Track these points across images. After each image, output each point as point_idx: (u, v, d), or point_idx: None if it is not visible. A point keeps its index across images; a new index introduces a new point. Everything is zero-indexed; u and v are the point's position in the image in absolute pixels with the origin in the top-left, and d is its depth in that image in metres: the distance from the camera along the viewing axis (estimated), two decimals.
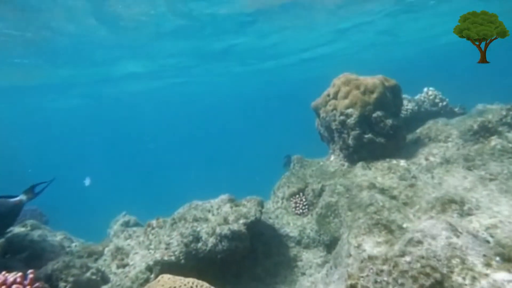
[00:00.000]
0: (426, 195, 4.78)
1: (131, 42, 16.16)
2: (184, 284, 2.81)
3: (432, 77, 13.73)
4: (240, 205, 6.05)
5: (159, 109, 47.32)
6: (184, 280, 2.91)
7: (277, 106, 56.44)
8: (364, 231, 4.54)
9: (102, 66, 20.16)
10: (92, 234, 9.59)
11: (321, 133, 7.62)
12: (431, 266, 3.44)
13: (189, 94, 38.36)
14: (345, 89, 6.52)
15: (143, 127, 57.79)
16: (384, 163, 6.03)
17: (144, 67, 22.40)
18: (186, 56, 21.09)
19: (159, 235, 5.68)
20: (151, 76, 25.66)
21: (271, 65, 26.48)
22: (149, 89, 30.16)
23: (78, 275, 4.83)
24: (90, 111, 38.96)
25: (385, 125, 6.18)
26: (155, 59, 20.37)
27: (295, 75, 32.62)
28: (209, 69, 25.34)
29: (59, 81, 22.23)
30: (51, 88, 24.27)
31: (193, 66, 24.23)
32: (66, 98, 29.05)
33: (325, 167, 7.06)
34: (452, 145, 5.81)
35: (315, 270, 5.61)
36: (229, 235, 5.39)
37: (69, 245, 6.10)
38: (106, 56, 18.31)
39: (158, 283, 2.91)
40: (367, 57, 26.97)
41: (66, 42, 15.09)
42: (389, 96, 6.29)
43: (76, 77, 22.14)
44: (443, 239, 3.71)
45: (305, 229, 6.28)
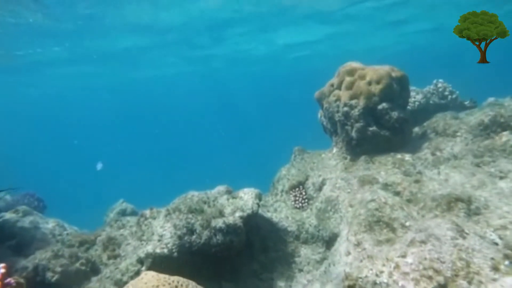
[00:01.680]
0: (431, 192, 4.57)
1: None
2: (169, 283, 2.65)
3: (442, 69, 13.41)
4: (237, 197, 5.88)
5: (166, 96, 47.03)
6: (169, 279, 2.74)
7: (283, 96, 55.90)
8: (364, 228, 4.36)
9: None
10: (91, 221, 9.52)
11: (324, 124, 7.40)
12: (434, 268, 3.26)
13: (192, 83, 38.07)
14: (350, 79, 6.27)
15: (149, 114, 57.66)
16: (388, 158, 5.81)
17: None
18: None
19: (152, 226, 5.54)
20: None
21: (275, 51, 25.91)
22: (156, 75, 29.78)
23: (66, 265, 4.70)
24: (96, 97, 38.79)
25: (391, 117, 5.95)
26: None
27: (302, 64, 32.02)
28: (211, 56, 24.94)
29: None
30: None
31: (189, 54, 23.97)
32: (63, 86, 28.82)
33: (326, 160, 6.85)
34: (460, 140, 5.57)
35: (313, 267, 5.45)
36: (224, 228, 5.23)
37: (60, 233, 5.98)
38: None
39: (141, 280, 2.74)
40: (375, 46, 26.43)
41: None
42: (396, 88, 6.04)
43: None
44: (448, 240, 3.52)
45: (304, 223, 6.11)
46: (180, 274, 5.25)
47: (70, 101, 37.82)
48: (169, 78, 31.79)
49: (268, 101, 58.51)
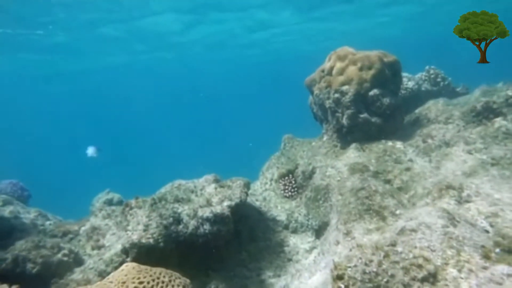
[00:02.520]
0: (422, 180, 4.52)
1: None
2: (150, 275, 2.55)
3: (433, 55, 13.34)
4: (225, 186, 5.78)
5: (150, 83, 46.31)
6: (151, 270, 2.64)
7: (272, 83, 55.32)
8: (354, 217, 4.30)
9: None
10: (77, 211, 9.34)
11: (314, 112, 7.30)
12: (424, 257, 3.20)
13: (182, 70, 37.41)
14: (341, 64, 6.16)
15: (136, 101, 56.86)
16: (379, 145, 5.75)
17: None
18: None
19: (138, 215, 5.41)
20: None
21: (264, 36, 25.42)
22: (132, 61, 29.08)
23: (48, 256, 4.58)
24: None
25: (382, 104, 5.87)
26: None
27: (291, 51, 31.60)
28: (195, 41, 24.48)
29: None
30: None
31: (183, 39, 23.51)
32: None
33: (316, 147, 6.77)
34: (452, 127, 5.52)
35: (302, 256, 5.40)
36: (211, 218, 5.13)
37: (43, 223, 5.82)
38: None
39: (121, 272, 2.64)
40: (369, 33, 26.20)
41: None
42: (388, 73, 5.95)
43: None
44: (439, 228, 3.47)
45: (293, 212, 6.05)
46: (167, 264, 5.17)
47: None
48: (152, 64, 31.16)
49: (258, 88, 57.90)
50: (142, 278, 2.51)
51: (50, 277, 4.46)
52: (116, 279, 2.57)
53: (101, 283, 2.53)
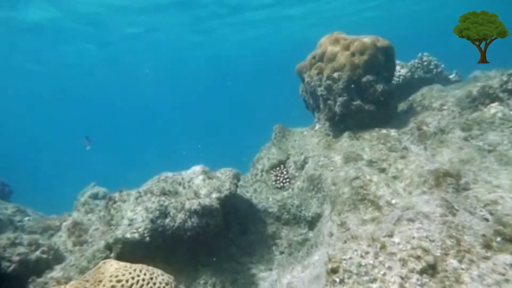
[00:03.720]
0: (418, 168, 4.38)
1: None
2: (129, 272, 2.35)
3: (427, 42, 13.18)
4: (214, 178, 5.59)
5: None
6: (130, 267, 2.45)
7: (263, 72, 54.37)
8: (348, 207, 4.16)
9: None
10: (62, 206, 9.05)
11: (305, 100, 7.12)
12: (422, 247, 3.07)
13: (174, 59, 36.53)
14: (333, 49, 5.97)
15: (119, 93, 55.57)
16: (373, 133, 5.60)
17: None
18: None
19: (122, 209, 5.20)
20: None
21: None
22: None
23: (25, 254, 4.35)
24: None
25: (376, 90, 5.71)
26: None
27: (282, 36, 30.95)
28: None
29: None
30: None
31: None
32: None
33: (309, 137, 6.61)
34: (447, 113, 5.40)
35: (294, 249, 5.26)
36: (199, 210, 4.95)
37: (20, 219, 5.56)
38: None
39: (98, 270, 2.44)
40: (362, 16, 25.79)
41: None
42: (381, 59, 5.78)
43: None
44: (437, 217, 3.34)
45: (285, 204, 5.89)
46: (154, 259, 4.99)
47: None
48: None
49: (248, 77, 56.88)
50: (121, 276, 2.32)
51: (27, 276, 4.23)
52: (92, 278, 2.37)
53: (75, 282, 2.33)
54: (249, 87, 59.55)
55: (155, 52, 30.03)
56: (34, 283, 4.23)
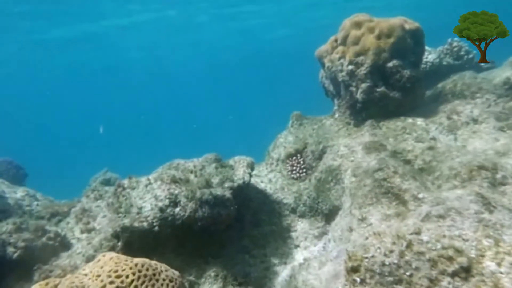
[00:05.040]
0: (448, 160, 4.07)
1: None
2: (130, 267, 2.17)
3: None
4: (227, 166, 5.39)
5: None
6: (131, 262, 2.26)
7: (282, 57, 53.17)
8: (370, 201, 3.89)
9: None
10: (75, 192, 9.04)
11: (325, 86, 6.81)
12: (455, 248, 2.79)
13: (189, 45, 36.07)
14: (357, 32, 5.64)
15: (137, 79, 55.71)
16: (397, 122, 5.28)
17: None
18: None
19: (131, 197, 5.05)
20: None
21: None
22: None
23: (31, 240, 4.25)
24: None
25: (402, 76, 5.37)
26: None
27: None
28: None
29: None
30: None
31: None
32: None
33: (328, 125, 6.32)
34: (481, 101, 5.03)
35: (310, 242, 5.03)
36: (211, 200, 4.76)
37: (30, 203, 5.48)
38: None
39: (97, 263, 2.27)
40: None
41: None
42: (409, 42, 5.43)
43: None
44: (472, 214, 3.04)
45: (301, 195, 5.65)
46: (163, 249, 4.84)
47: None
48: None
49: (265, 62, 55.74)
50: (121, 271, 2.13)
51: (33, 263, 4.14)
52: (91, 271, 2.20)
53: (72, 276, 2.16)
54: (265, 75, 58.66)
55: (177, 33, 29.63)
56: (40, 270, 4.14)
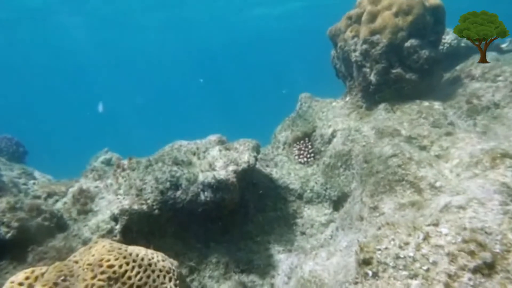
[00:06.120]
0: (468, 147, 3.84)
1: None
2: (124, 257, 2.00)
3: (477, 7, 11.94)
4: (231, 149, 5.19)
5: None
6: (125, 251, 2.09)
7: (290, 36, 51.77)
8: (383, 188, 3.68)
9: None
10: (76, 171, 8.90)
11: (337, 67, 6.53)
12: (477, 241, 2.58)
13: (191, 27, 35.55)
14: (373, 9, 5.33)
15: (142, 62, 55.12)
16: (413, 105, 5.03)
17: None
18: None
19: (131, 178, 4.89)
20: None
21: None
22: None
23: (25, 219, 4.11)
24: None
25: (420, 57, 5.09)
26: None
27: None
28: None
29: None
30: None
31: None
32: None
33: (338, 108, 6.07)
34: (504, 85, 4.75)
35: (317, 230, 4.86)
36: (214, 184, 4.58)
37: (25, 182, 5.34)
38: None
39: (89, 251, 2.10)
40: None
41: None
42: (429, 20, 5.12)
43: None
44: (496, 206, 2.83)
45: (308, 181, 5.46)
46: (163, 234, 4.70)
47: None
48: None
49: (273, 40, 54.37)
50: (113, 260, 1.96)
51: (27, 243, 4.01)
52: (82, 259, 2.03)
53: (61, 264, 2.00)
54: (272, 56, 57.60)
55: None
56: (34, 252, 4.01)
